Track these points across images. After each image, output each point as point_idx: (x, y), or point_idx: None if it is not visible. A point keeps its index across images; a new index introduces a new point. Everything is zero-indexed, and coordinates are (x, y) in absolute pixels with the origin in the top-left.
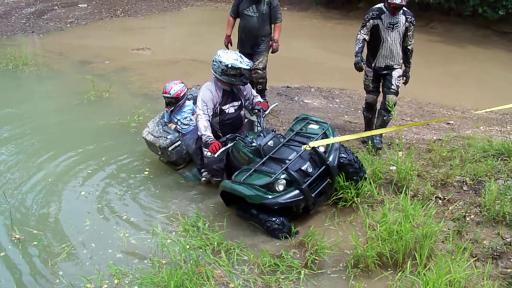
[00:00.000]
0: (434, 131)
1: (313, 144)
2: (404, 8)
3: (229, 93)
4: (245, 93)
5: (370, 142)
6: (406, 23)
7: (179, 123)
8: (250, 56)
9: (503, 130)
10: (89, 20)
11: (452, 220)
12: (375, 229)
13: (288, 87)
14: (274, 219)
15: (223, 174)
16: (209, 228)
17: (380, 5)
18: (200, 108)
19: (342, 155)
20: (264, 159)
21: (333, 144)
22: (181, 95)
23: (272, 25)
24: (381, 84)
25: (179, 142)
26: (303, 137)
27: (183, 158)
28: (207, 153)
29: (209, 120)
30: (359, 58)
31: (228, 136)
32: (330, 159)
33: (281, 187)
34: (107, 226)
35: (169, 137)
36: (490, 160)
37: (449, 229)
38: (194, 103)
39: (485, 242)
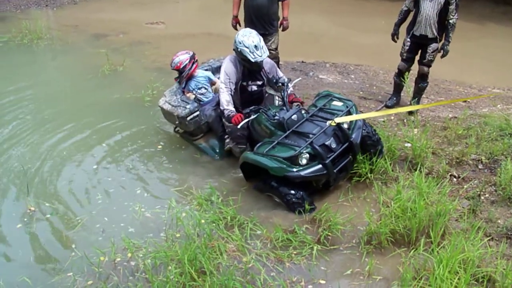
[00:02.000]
0: (450, 109)
1: (338, 120)
2: None
3: (251, 71)
4: (268, 71)
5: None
6: None
7: (194, 93)
8: (262, 36)
9: None
10: None
11: (467, 198)
12: (389, 206)
13: (303, 62)
14: (294, 192)
15: (246, 142)
16: (222, 203)
17: None
18: (223, 81)
19: (365, 130)
20: (288, 132)
21: (356, 122)
22: (181, 66)
23: (280, 3)
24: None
25: (198, 112)
26: (326, 113)
27: (201, 128)
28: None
29: (231, 94)
30: (394, 30)
31: (251, 108)
32: (354, 136)
33: (304, 161)
34: (121, 200)
35: (188, 106)
36: (506, 139)
37: (463, 207)
38: (213, 73)
39: (499, 221)
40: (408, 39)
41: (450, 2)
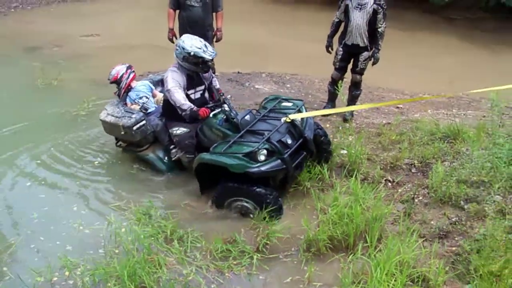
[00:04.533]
0: (384, 115)
1: (292, 116)
2: None
3: (192, 78)
4: (206, 75)
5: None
6: (374, 5)
7: (137, 102)
8: None
9: (449, 113)
10: (34, 5)
11: (401, 202)
12: (326, 212)
13: (239, 72)
14: (269, 192)
15: (195, 151)
16: (161, 216)
17: None
18: (173, 85)
19: (318, 129)
20: (243, 132)
21: (307, 120)
22: (118, 77)
23: (214, 14)
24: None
25: (144, 122)
26: (277, 113)
27: (147, 139)
28: (177, 130)
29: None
30: (327, 42)
31: (212, 103)
32: (307, 133)
33: (262, 157)
34: (57, 218)
35: (133, 116)
36: (437, 143)
37: (398, 211)
38: (156, 86)
39: (432, 222)
40: (341, 49)
41: (378, 11)
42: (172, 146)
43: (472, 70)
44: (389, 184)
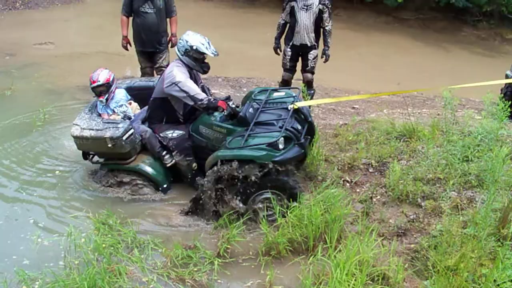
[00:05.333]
0: (340, 116)
1: (299, 104)
2: None
3: (191, 76)
4: (199, 76)
5: None
6: (320, 5)
7: (116, 111)
8: (152, 54)
9: (405, 112)
10: None
11: (360, 202)
12: (285, 215)
13: None
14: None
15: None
16: (121, 225)
17: None
18: (182, 77)
19: None
20: (252, 124)
21: (304, 107)
22: (111, 79)
23: (168, 19)
24: (300, 63)
25: (132, 130)
26: (274, 103)
27: (135, 148)
28: (173, 133)
29: None
30: (275, 44)
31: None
32: (310, 118)
33: (281, 145)
34: (14, 232)
35: (120, 125)
36: (393, 142)
37: (357, 211)
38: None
39: (391, 221)
40: (289, 49)
41: (324, 11)
42: (164, 152)
43: (426, 68)
44: (348, 184)
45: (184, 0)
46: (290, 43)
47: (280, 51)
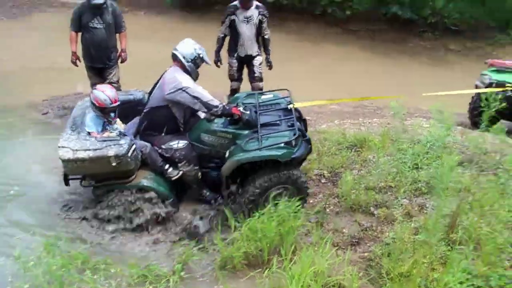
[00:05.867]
0: None
1: (297, 105)
2: (257, 3)
3: None
4: None
5: None
6: (259, 16)
7: (108, 128)
8: (102, 70)
9: (355, 123)
10: None
11: (314, 213)
12: (240, 230)
13: (145, 93)
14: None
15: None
16: (73, 245)
17: (235, 2)
18: (190, 83)
19: None
20: (259, 126)
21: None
22: (119, 100)
23: (118, 35)
24: (247, 73)
25: (134, 145)
26: (267, 105)
27: (137, 164)
28: (178, 143)
29: None
30: (216, 57)
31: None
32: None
33: (294, 142)
34: None
35: (121, 142)
36: (344, 152)
37: (311, 222)
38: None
39: (344, 230)
40: (234, 61)
41: (263, 21)
42: (167, 166)
43: (376, 78)
44: None
45: (135, 15)
46: (235, 55)
47: (221, 63)
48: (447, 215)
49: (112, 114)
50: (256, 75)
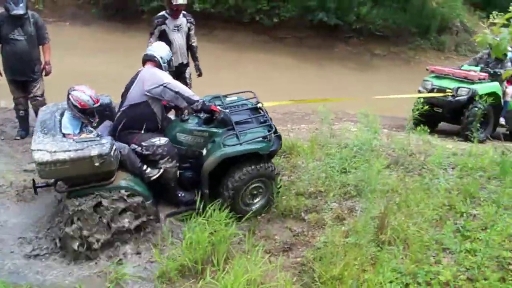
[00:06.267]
0: None
1: (266, 104)
2: (184, 12)
3: None
4: None
5: None
6: (188, 24)
7: (85, 130)
8: (25, 83)
9: (284, 129)
10: None
11: (245, 220)
12: (174, 242)
13: None
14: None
15: None
16: None
17: (163, 12)
18: (171, 79)
19: None
20: (233, 124)
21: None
22: (100, 101)
23: (41, 47)
24: None
25: (115, 145)
26: (236, 106)
27: (116, 165)
28: (159, 140)
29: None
30: None
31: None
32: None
33: (269, 137)
34: None
35: (103, 141)
36: (274, 159)
37: (243, 230)
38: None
39: (276, 237)
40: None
41: (191, 28)
42: (145, 166)
43: (304, 84)
44: None
45: (59, 26)
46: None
47: None
48: (376, 217)
49: (92, 115)
50: (187, 86)
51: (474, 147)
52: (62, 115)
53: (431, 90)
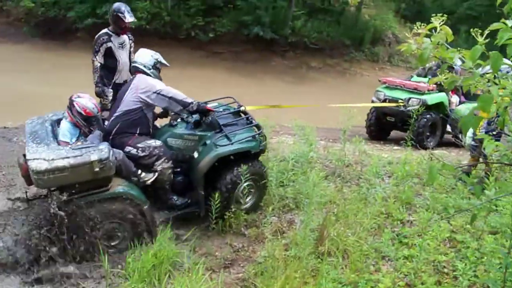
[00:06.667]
0: None
1: (249, 107)
2: None
3: None
4: None
5: None
6: (130, 41)
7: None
8: None
9: None
10: None
11: (184, 239)
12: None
13: (5, 127)
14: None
15: None
16: None
17: (105, 30)
18: (163, 84)
19: None
20: (222, 126)
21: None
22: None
23: None
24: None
25: (112, 151)
26: (221, 111)
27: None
28: (154, 142)
29: None
30: (99, 88)
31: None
32: None
33: (257, 137)
34: None
35: (101, 147)
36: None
37: (183, 249)
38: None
39: (217, 253)
40: (111, 89)
41: (131, 45)
42: (140, 171)
43: (241, 99)
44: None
45: None
46: (112, 83)
47: (106, 94)
48: (315, 229)
49: (92, 124)
50: None
51: (409, 155)
52: (52, 125)
53: (384, 101)
